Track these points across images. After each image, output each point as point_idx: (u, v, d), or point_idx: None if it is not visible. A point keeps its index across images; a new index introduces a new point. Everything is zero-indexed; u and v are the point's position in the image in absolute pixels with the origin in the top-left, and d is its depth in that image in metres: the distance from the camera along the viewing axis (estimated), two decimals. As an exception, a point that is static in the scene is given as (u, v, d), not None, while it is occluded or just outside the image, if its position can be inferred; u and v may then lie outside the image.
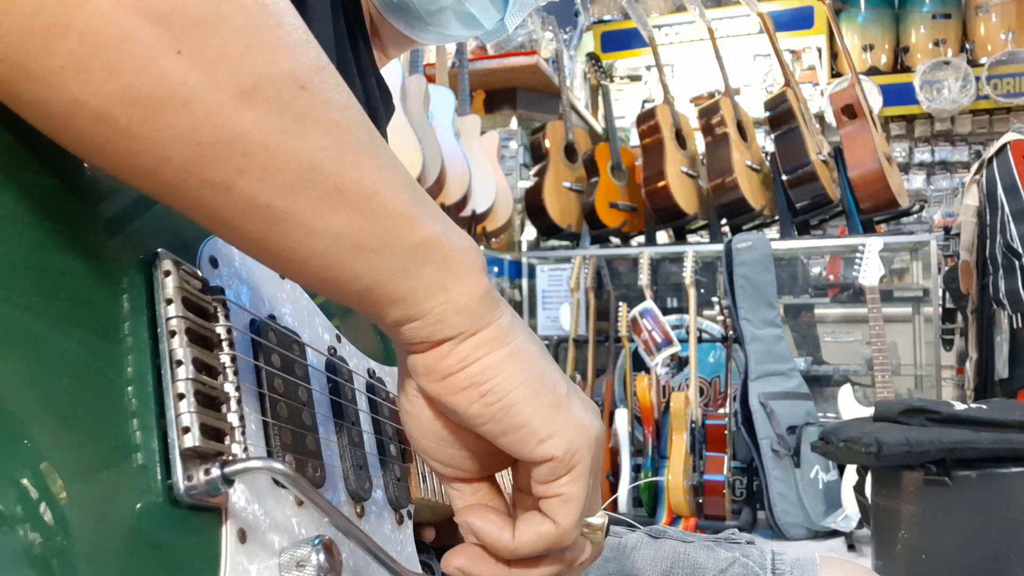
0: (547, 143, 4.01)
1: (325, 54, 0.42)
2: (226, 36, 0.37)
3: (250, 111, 0.38)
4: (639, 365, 3.67)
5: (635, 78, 6.14)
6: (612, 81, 5.71)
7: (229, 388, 0.45)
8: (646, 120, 4.06)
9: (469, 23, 0.89)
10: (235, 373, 0.46)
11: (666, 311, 3.80)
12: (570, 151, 4.09)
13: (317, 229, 0.41)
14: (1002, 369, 3.18)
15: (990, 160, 3.26)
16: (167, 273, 0.45)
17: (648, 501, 3.48)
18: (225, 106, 0.37)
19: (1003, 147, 3.20)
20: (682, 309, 3.89)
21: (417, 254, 0.44)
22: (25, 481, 0.35)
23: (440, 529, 0.75)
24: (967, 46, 5.61)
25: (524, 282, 4.28)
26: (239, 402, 0.45)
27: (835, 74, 5.72)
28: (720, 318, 3.63)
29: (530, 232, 4.29)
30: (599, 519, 0.50)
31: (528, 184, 4.11)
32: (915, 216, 4.48)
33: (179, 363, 0.43)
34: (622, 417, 3.58)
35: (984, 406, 2.29)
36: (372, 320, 0.47)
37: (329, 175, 0.40)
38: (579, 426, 0.48)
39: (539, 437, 0.47)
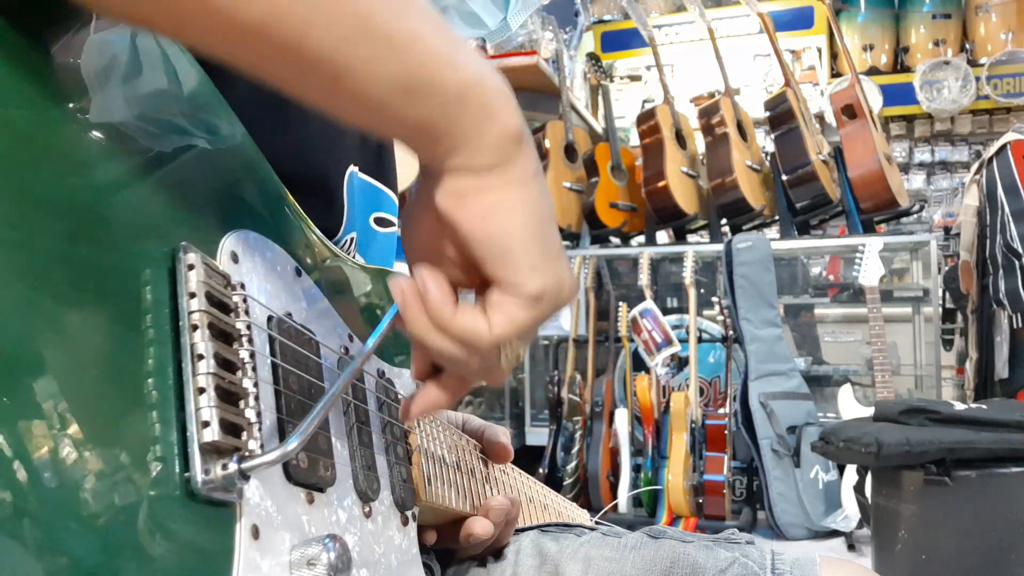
0: (547, 143, 4.01)
1: None
2: None
3: None
4: (639, 365, 3.67)
5: (635, 78, 6.13)
6: (612, 81, 5.70)
7: (248, 384, 0.45)
8: (646, 120, 4.06)
9: (472, 22, 0.89)
10: (253, 369, 0.46)
11: (666, 311, 3.80)
12: (570, 151, 4.09)
13: (373, 76, 0.46)
14: (1002, 369, 3.18)
15: (990, 160, 3.26)
16: (191, 267, 0.45)
17: (648, 501, 3.48)
18: None
19: (1003, 147, 3.20)
20: (682, 309, 3.89)
21: (459, 97, 0.49)
22: (47, 471, 0.35)
23: (441, 532, 0.75)
24: (967, 46, 5.61)
25: (524, 282, 4.27)
26: (256, 398, 0.46)
27: (835, 74, 5.72)
28: (720, 318, 3.63)
29: (530, 232, 4.28)
30: (521, 351, 0.56)
31: (528, 184, 4.09)
32: (915, 216, 4.48)
33: (200, 357, 0.43)
34: (622, 417, 3.58)
35: (984, 406, 2.28)
36: (417, 155, 0.51)
37: (380, 24, 0.45)
38: (559, 278, 0.53)
39: (520, 271, 0.52)
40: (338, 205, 0.73)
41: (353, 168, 0.76)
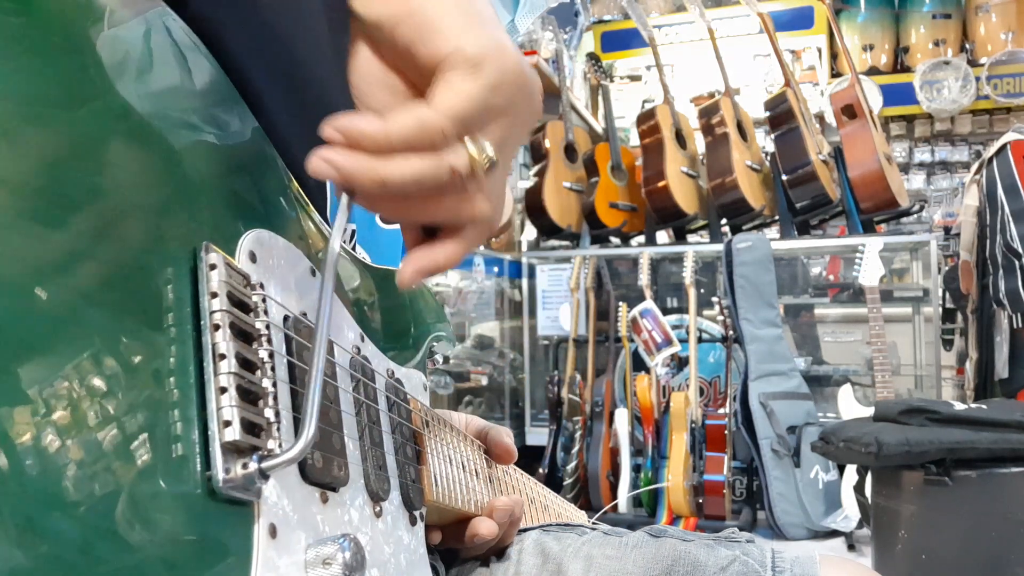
0: (547, 143, 4.01)
1: None
2: None
3: None
4: (639, 365, 3.68)
5: (635, 78, 6.14)
6: (612, 81, 5.71)
7: (267, 383, 0.46)
8: (646, 120, 4.07)
9: None
10: (272, 369, 0.46)
11: (666, 311, 3.81)
12: (570, 151, 4.10)
13: None
14: (1002, 369, 3.19)
15: (990, 160, 3.26)
16: (212, 266, 0.45)
17: (648, 501, 3.49)
18: None
19: (1003, 147, 3.20)
20: (682, 309, 3.90)
21: None
22: (67, 468, 0.35)
23: (446, 532, 0.75)
24: (967, 46, 5.62)
25: (524, 282, 4.29)
26: (275, 398, 0.46)
27: (835, 74, 5.72)
28: (720, 318, 3.63)
29: (530, 232, 4.29)
30: (490, 149, 0.50)
31: (528, 184, 4.11)
32: (915, 216, 4.48)
33: (222, 357, 0.43)
34: (622, 417, 3.59)
35: (984, 406, 2.29)
36: None
37: None
38: (498, 42, 0.50)
39: (450, 34, 0.49)
40: (319, 200, 0.73)
41: None
